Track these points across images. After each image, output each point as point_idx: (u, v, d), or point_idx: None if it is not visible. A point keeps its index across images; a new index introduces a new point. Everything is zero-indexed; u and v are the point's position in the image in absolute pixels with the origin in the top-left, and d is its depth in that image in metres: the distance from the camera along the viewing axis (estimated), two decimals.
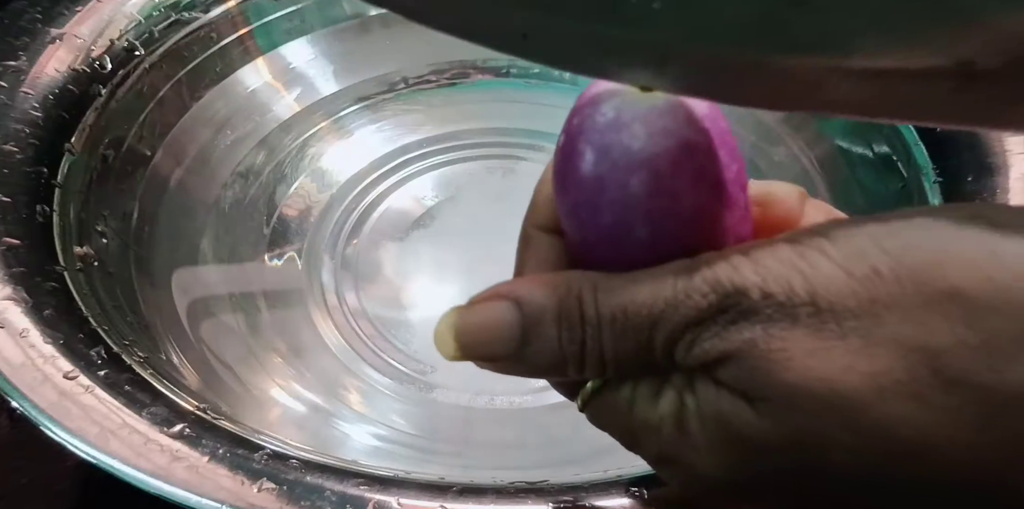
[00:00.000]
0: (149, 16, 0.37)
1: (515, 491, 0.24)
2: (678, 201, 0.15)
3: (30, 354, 0.26)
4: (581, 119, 0.16)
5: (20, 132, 0.31)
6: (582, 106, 0.16)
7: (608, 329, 0.16)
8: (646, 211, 0.15)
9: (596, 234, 0.16)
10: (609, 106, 0.15)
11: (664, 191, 0.15)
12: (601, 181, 0.15)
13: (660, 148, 0.15)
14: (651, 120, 0.15)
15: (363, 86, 0.45)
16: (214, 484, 0.23)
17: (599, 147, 0.15)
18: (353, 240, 0.43)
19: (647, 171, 0.15)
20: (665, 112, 0.15)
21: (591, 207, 0.16)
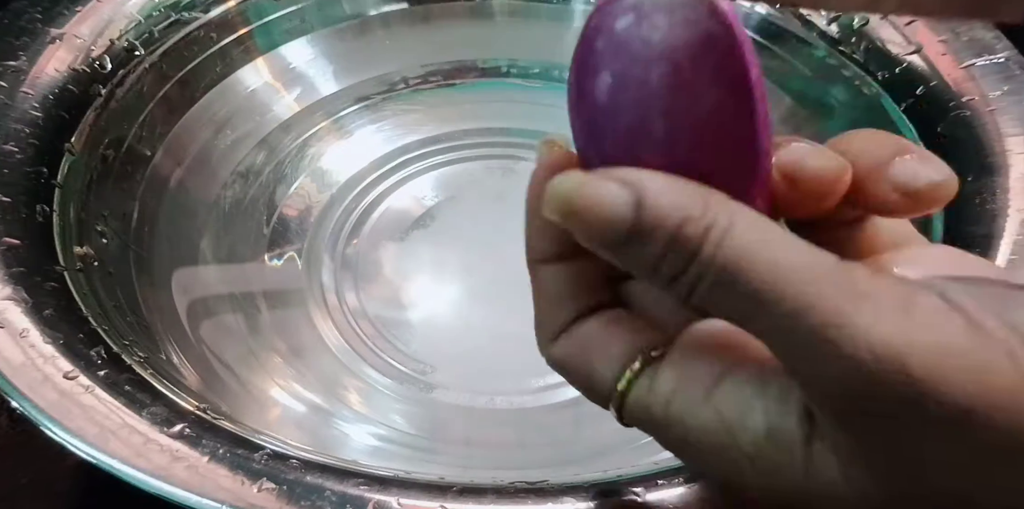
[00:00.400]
0: (149, 16, 0.37)
1: (515, 491, 0.24)
2: (700, 97, 0.15)
3: (30, 354, 0.26)
4: (601, 16, 0.15)
5: (20, 132, 0.31)
6: (601, 4, 0.15)
7: (719, 278, 0.14)
8: (665, 107, 0.15)
9: (613, 137, 0.15)
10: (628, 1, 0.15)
11: (684, 85, 0.14)
12: (621, 78, 0.15)
13: (681, 40, 0.14)
14: (672, 10, 0.14)
15: (363, 86, 0.45)
16: (214, 484, 0.23)
17: (618, 42, 0.15)
18: (353, 240, 0.43)
19: (667, 63, 0.14)
20: (686, 3, 0.14)
21: (610, 110, 0.15)
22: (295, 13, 0.42)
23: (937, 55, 0.35)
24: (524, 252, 0.19)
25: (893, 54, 0.36)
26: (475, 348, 0.39)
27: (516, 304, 0.39)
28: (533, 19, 0.45)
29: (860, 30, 0.37)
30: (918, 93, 0.35)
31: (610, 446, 0.34)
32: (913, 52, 0.35)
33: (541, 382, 0.38)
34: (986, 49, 0.34)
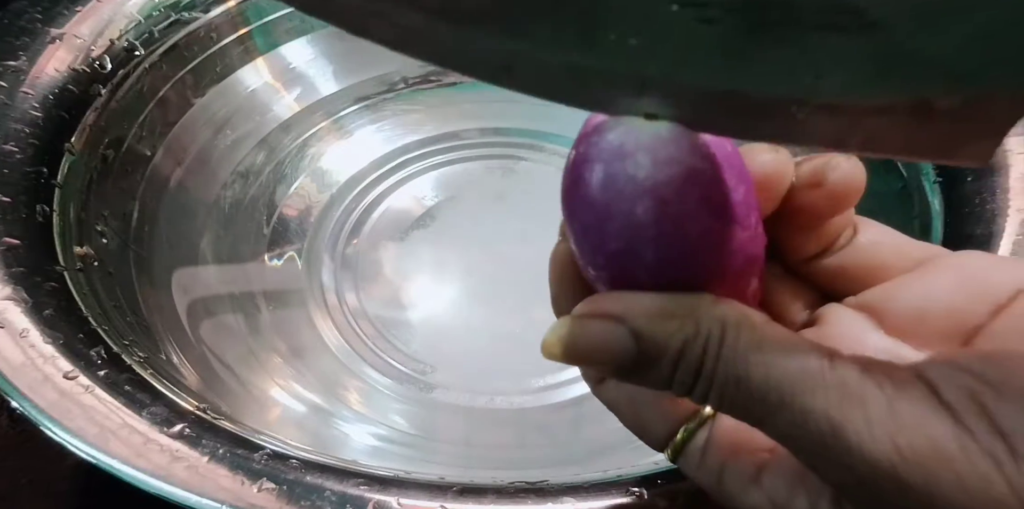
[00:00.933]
0: (149, 16, 0.37)
1: (515, 491, 0.24)
2: (684, 227, 0.15)
3: (30, 354, 0.26)
4: (587, 147, 0.16)
5: (20, 132, 0.31)
6: (587, 134, 0.16)
7: (723, 389, 0.15)
8: (653, 237, 0.15)
9: (604, 259, 0.16)
10: (613, 135, 0.15)
11: (670, 218, 0.15)
12: (607, 209, 0.15)
13: (664, 176, 0.15)
14: (655, 149, 0.15)
15: (363, 86, 0.45)
16: (214, 484, 0.23)
17: (604, 176, 0.15)
18: (353, 240, 0.43)
19: (652, 199, 0.15)
20: (669, 141, 0.15)
21: (599, 233, 0.16)
22: (295, 13, 0.42)
23: None
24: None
25: None
26: (475, 348, 0.39)
27: (516, 304, 0.39)
28: None
29: None
30: None
31: (610, 446, 0.34)
32: None
33: (541, 382, 0.38)
34: None
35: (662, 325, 0.15)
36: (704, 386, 0.15)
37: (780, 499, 0.16)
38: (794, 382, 0.14)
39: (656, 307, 0.15)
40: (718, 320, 0.15)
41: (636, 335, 0.15)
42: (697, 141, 0.15)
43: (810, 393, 0.14)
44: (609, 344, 0.16)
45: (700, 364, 0.15)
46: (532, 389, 0.38)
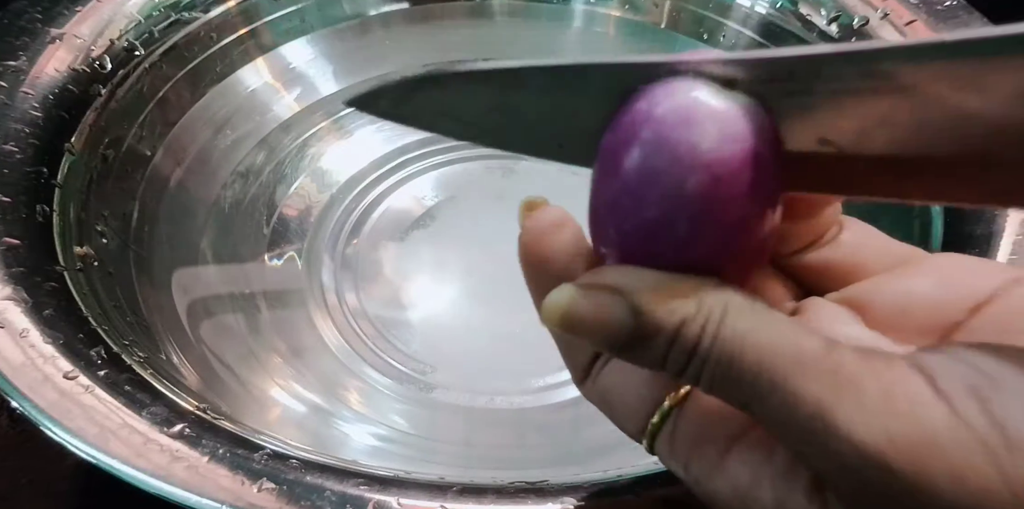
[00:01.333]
0: (149, 16, 0.37)
1: (515, 491, 0.24)
2: (726, 209, 0.15)
3: (30, 354, 0.26)
4: (651, 104, 0.15)
5: (20, 132, 0.31)
6: (651, 92, 0.15)
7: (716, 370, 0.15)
8: (694, 213, 0.15)
9: (634, 226, 0.15)
10: (684, 99, 0.15)
11: (717, 197, 0.15)
12: (656, 175, 0.15)
13: (727, 153, 0.14)
14: (725, 121, 0.15)
15: (363, 86, 0.45)
16: (214, 484, 0.23)
17: (664, 139, 0.15)
18: (353, 240, 0.43)
19: (707, 174, 0.14)
20: (740, 116, 0.15)
21: (637, 199, 0.15)
22: (295, 13, 0.42)
23: None
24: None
25: None
26: (475, 348, 0.39)
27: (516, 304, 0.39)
28: (533, 19, 0.45)
29: (860, 30, 0.37)
30: None
31: (610, 446, 0.34)
32: None
33: (541, 382, 0.38)
34: None
35: (663, 302, 0.15)
36: (697, 366, 0.15)
37: (743, 486, 0.16)
38: (788, 365, 0.14)
39: (660, 284, 0.15)
40: (721, 302, 0.15)
41: (635, 310, 0.15)
42: (765, 122, 0.15)
43: (803, 377, 0.14)
44: (607, 316, 0.15)
45: (696, 343, 0.15)
46: (532, 389, 0.38)
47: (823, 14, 0.38)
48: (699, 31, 0.43)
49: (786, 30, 0.40)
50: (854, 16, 0.37)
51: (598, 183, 0.16)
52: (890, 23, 0.36)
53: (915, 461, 0.13)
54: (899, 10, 0.36)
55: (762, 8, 0.40)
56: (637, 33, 0.44)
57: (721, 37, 0.42)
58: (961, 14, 0.36)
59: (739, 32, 0.41)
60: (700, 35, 0.43)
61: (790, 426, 0.14)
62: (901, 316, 0.17)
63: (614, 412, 0.19)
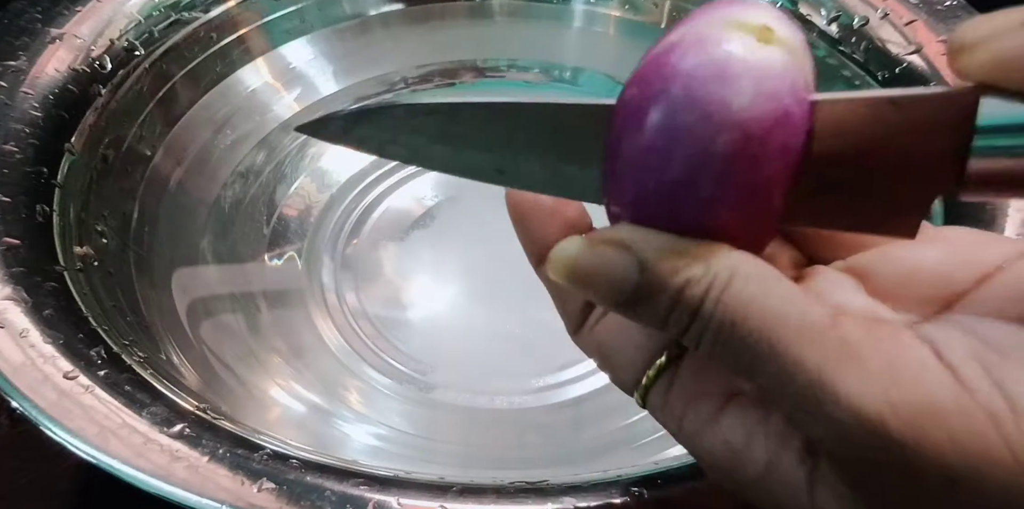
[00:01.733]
0: (149, 16, 0.37)
1: (515, 491, 0.24)
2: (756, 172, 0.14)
3: (30, 354, 0.26)
4: (681, 55, 0.14)
5: (20, 132, 0.31)
6: (687, 41, 0.14)
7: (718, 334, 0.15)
8: (720, 172, 0.14)
9: (655, 185, 0.15)
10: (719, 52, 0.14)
11: (748, 157, 0.14)
12: (685, 132, 0.14)
13: (761, 112, 0.14)
14: (761, 78, 0.14)
15: (363, 86, 0.45)
16: (214, 484, 0.23)
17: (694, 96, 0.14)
18: (353, 240, 0.43)
19: (739, 133, 0.14)
20: (777, 73, 0.14)
21: (662, 157, 0.14)
22: (295, 13, 0.42)
23: (937, 55, 0.35)
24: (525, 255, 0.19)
25: (893, 54, 0.36)
26: (475, 348, 0.39)
27: (516, 304, 0.39)
28: (533, 19, 0.45)
29: (860, 30, 0.37)
30: None
31: (610, 446, 0.34)
32: (913, 52, 0.35)
33: (541, 382, 0.38)
34: None
35: (670, 260, 0.15)
36: (698, 329, 0.15)
37: (736, 443, 0.16)
38: (791, 333, 0.14)
39: (671, 244, 0.15)
40: (728, 266, 0.15)
41: (642, 265, 0.15)
42: (801, 80, 0.14)
43: (806, 345, 0.14)
44: (613, 269, 0.15)
45: (699, 305, 0.15)
46: (532, 389, 0.38)
47: (823, 14, 0.38)
48: None
49: None
50: (854, 16, 0.37)
51: (618, 140, 0.15)
52: (890, 23, 0.36)
53: (916, 428, 0.13)
54: (899, 10, 0.36)
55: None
56: (637, 33, 0.44)
57: None
58: (961, 14, 0.36)
59: None
60: None
61: (788, 393, 0.14)
62: (905, 285, 0.17)
63: (609, 363, 0.19)
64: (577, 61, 0.46)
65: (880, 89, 0.15)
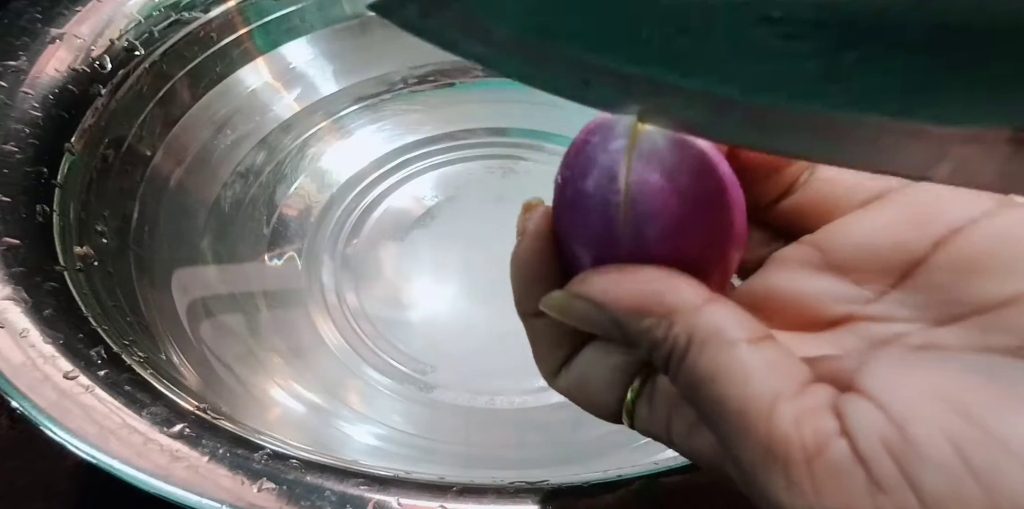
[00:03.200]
0: (149, 16, 0.37)
1: (515, 491, 0.24)
2: (685, 236, 0.16)
3: (30, 354, 0.26)
4: (587, 146, 0.17)
5: (20, 132, 0.31)
6: (591, 133, 0.17)
7: (683, 391, 0.16)
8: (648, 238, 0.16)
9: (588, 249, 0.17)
10: (616, 140, 0.16)
11: (669, 227, 0.16)
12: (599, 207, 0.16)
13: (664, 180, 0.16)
14: (657, 153, 0.16)
15: (363, 86, 0.45)
16: (214, 484, 0.23)
17: (601, 174, 0.16)
18: (353, 240, 0.43)
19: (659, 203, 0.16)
20: (669, 148, 0.16)
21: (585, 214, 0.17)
22: (295, 13, 0.42)
23: None
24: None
25: None
26: (475, 348, 0.39)
27: None
28: None
29: None
30: None
31: (610, 446, 0.34)
32: None
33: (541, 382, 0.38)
34: None
35: (636, 322, 0.16)
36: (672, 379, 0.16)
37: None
38: (732, 420, 0.14)
39: (634, 302, 0.16)
40: (686, 331, 0.15)
41: (615, 323, 0.16)
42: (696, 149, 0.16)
43: (743, 437, 0.14)
44: (595, 323, 0.17)
45: (667, 361, 0.16)
46: (532, 389, 0.38)
47: None
48: None
49: None
50: None
51: (557, 212, 0.17)
52: None
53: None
54: None
55: None
56: None
57: None
58: None
59: None
60: None
61: (735, 465, 0.15)
62: (862, 255, 0.17)
63: (589, 395, 0.19)
64: None
65: None
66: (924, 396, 0.13)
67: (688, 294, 0.16)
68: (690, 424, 0.17)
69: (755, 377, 0.14)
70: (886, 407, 0.13)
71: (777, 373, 0.14)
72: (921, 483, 0.13)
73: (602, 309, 0.16)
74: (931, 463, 0.13)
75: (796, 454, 0.14)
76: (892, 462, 0.13)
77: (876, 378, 0.14)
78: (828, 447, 0.13)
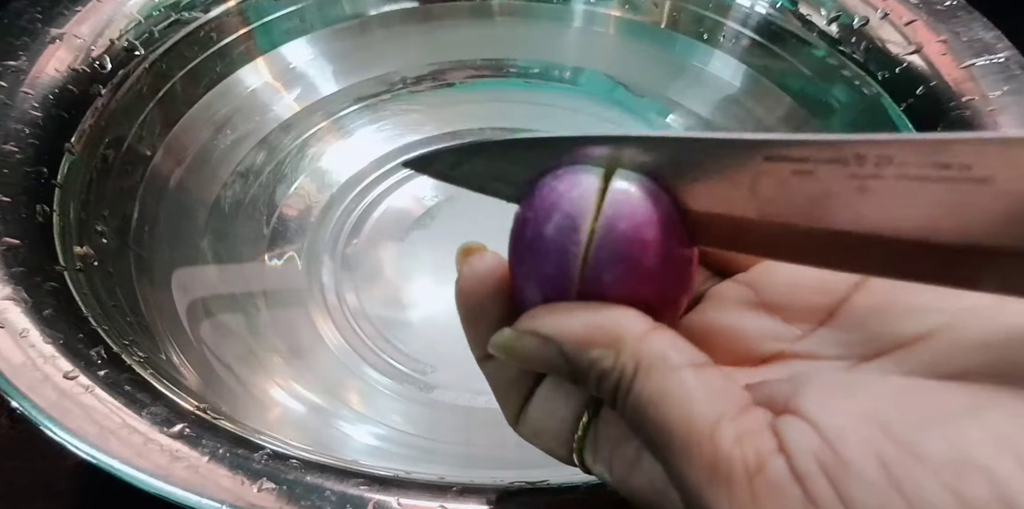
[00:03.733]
0: (149, 16, 0.37)
1: (515, 491, 0.24)
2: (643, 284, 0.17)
3: (30, 354, 0.26)
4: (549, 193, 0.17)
5: (20, 132, 0.31)
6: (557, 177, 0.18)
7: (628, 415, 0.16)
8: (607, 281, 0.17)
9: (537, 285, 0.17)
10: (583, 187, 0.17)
11: (628, 274, 0.17)
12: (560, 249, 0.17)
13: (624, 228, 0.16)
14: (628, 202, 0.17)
15: (363, 86, 0.45)
16: (214, 484, 0.23)
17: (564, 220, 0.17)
18: (353, 240, 0.43)
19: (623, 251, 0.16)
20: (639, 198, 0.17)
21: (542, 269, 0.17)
22: (295, 13, 0.42)
23: (937, 55, 0.35)
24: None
25: (893, 54, 0.36)
26: None
27: None
28: (533, 19, 0.45)
29: (860, 30, 0.37)
30: (918, 93, 0.35)
31: None
32: (913, 52, 0.35)
33: None
34: (986, 49, 0.34)
35: (584, 352, 0.16)
36: (620, 407, 0.16)
37: (657, 482, 0.17)
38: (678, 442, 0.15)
39: (583, 334, 0.16)
40: (633, 358, 0.16)
41: (563, 356, 0.17)
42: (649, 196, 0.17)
43: (688, 460, 0.15)
44: (543, 359, 0.17)
45: (615, 391, 0.16)
46: None
47: (823, 14, 0.38)
48: (699, 31, 0.43)
49: (786, 30, 0.40)
50: (854, 16, 0.37)
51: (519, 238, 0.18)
52: (890, 23, 0.36)
53: None
54: (899, 10, 0.36)
55: (762, 8, 0.40)
56: (637, 33, 0.44)
57: (721, 37, 0.42)
58: (961, 14, 0.36)
59: (739, 32, 0.41)
60: (700, 35, 0.43)
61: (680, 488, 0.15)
62: (792, 296, 0.18)
63: (545, 440, 0.20)
64: (577, 61, 0.46)
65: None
66: (853, 417, 0.14)
67: (633, 323, 0.16)
68: (630, 463, 0.17)
69: (698, 399, 0.15)
70: (820, 428, 0.14)
71: (719, 396, 0.15)
72: (852, 500, 0.13)
73: (550, 343, 0.17)
74: (860, 480, 0.13)
75: (738, 473, 0.14)
76: (826, 480, 0.14)
77: (810, 401, 0.15)
78: (767, 465, 0.14)
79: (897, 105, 0.35)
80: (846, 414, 0.14)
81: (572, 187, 0.17)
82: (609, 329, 0.16)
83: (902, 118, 0.35)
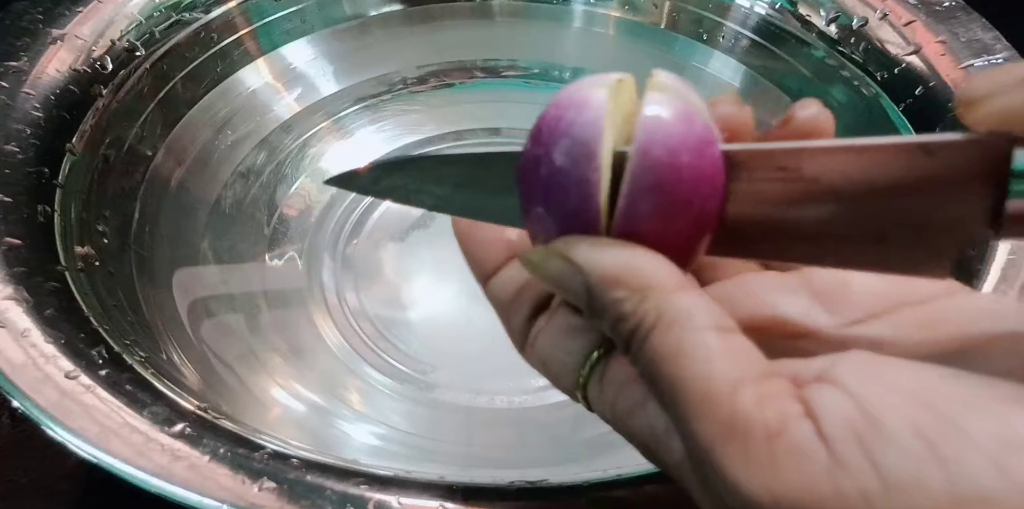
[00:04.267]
0: (150, 17, 0.37)
1: (515, 491, 0.24)
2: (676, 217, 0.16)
3: (31, 354, 0.26)
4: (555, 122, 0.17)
5: (21, 132, 0.31)
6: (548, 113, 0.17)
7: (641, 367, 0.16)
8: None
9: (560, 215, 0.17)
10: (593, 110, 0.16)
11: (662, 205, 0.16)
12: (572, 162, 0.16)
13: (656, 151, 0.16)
14: (662, 126, 0.16)
15: (363, 86, 0.45)
16: (215, 483, 0.23)
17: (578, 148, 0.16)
18: (353, 240, 0.43)
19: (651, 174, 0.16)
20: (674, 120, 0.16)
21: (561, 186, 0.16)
22: (295, 13, 0.42)
23: (936, 55, 0.35)
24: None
25: (892, 54, 0.36)
26: (475, 348, 0.39)
27: None
28: (533, 19, 0.45)
29: (859, 31, 0.37)
30: (917, 93, 0.35)
31: (610, 445, 0.34)
32: (912, 52, 0.35)
33: (541, 382, 0.38)
34: (985, 49, 0.34)
35: (609, 292, 0.16)
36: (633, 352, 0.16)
37: (659, 429, 0.16)
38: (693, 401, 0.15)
39: (612, 272, 0.16)
40: (656, 309, 0.16)
41: (586, 288, 0.16)
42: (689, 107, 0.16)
43: (702, 417, 0.14)
44: (565, 285, 0.17)
45: (630, 336, 0.16)
46: (532, 389, 0.38)
47: (822, 14, 0.38)
48: (698, 31, 0.43)
49: (785, 31, 0.40)
50: (853, 16, 0.37)
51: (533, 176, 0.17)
52: (889, 24, 0.36)
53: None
54: (898, 11, 0.36)
55: (761, 8, 0.40)
56: (637, 33, 0.44)
57: (720, 38, 0.42)
58: (960, 15, 0.36)
59: (738, 32, 0.41)
60: (699, 35, 0.43)
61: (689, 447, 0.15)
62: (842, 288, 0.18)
63: (551, 371, 0.19)
64: (577, 61, 0.46)
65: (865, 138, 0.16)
66: (894, 390, 0.14)
67: (667, 275, 0.16)
68: (633, 404, 0.17)
69: (719, 360, 0.15)
70: (856, 395, 0.14)
71: (741, 360, 0.15)
72: (885, 465, 0.13)
73: (577, 272, 0.16)
74: (896, 447, 0.13)
75: (757, 431, 0.14)
76: (856, 444, 0.13)
77: (847, 373, 0.14)
78: (790, 427, 0.14)
79: (896, 105, 0.35)
80: (886, 387, 0.14)
81: (580, 111, 0.16)
82: (640, 274, 0.16)
83: (901, 118, 0.35)
